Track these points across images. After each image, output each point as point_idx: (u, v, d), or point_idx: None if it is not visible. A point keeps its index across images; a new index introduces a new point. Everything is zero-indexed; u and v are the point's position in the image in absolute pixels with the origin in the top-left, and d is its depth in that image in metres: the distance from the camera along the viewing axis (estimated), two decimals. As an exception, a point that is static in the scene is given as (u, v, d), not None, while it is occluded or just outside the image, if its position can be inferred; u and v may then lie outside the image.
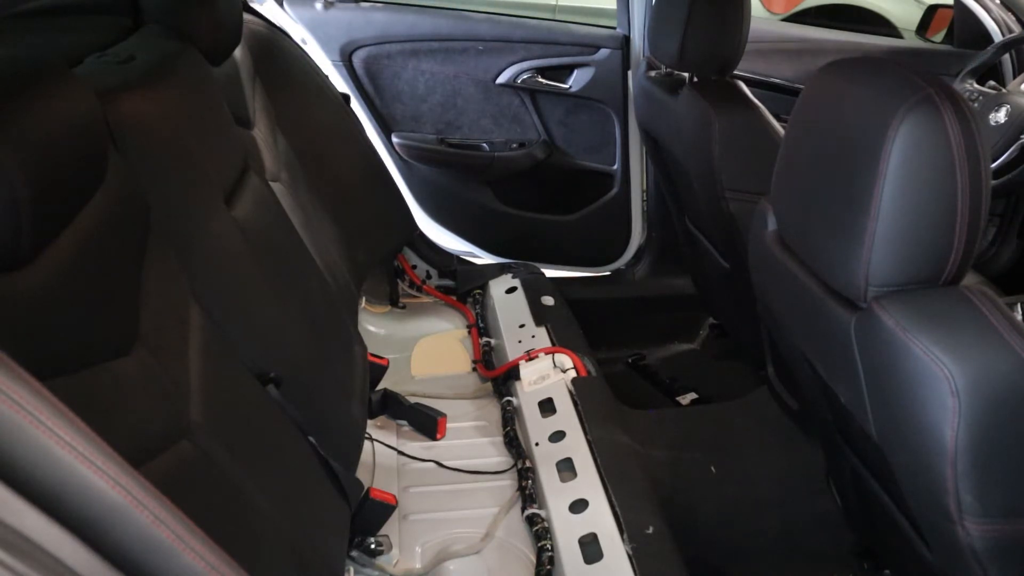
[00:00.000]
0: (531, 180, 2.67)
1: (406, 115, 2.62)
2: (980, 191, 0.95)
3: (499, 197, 2.70)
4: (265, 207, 1.54)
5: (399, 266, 2.40)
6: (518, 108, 2.58)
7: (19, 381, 0.51)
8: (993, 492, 0.94)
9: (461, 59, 2.53)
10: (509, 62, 2.51)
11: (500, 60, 2.51)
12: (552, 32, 2.52)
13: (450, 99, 2.59)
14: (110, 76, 1.26)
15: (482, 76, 2.54)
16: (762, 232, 1.31)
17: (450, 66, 2.54)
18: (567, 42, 2.50)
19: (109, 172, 1.03)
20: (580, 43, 2.49)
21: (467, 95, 2.58)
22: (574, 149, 2.62)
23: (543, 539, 1.50)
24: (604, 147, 2.58)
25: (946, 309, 0.96)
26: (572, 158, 2.63)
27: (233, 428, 1.12)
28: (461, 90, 2.57)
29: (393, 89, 2.59)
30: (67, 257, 0.89)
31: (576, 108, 2.56)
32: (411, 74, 2.57)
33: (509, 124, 2.61)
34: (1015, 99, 2.06)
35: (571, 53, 2.50)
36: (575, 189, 2.68)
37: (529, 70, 2.51)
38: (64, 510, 0.52)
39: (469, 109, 2.60)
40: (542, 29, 2.54)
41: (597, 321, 2.36)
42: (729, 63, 1.92)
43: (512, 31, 2.51)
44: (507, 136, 2.62)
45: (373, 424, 1.85)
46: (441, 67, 2.55)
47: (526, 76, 2.51)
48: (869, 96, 1.01)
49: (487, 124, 2.62)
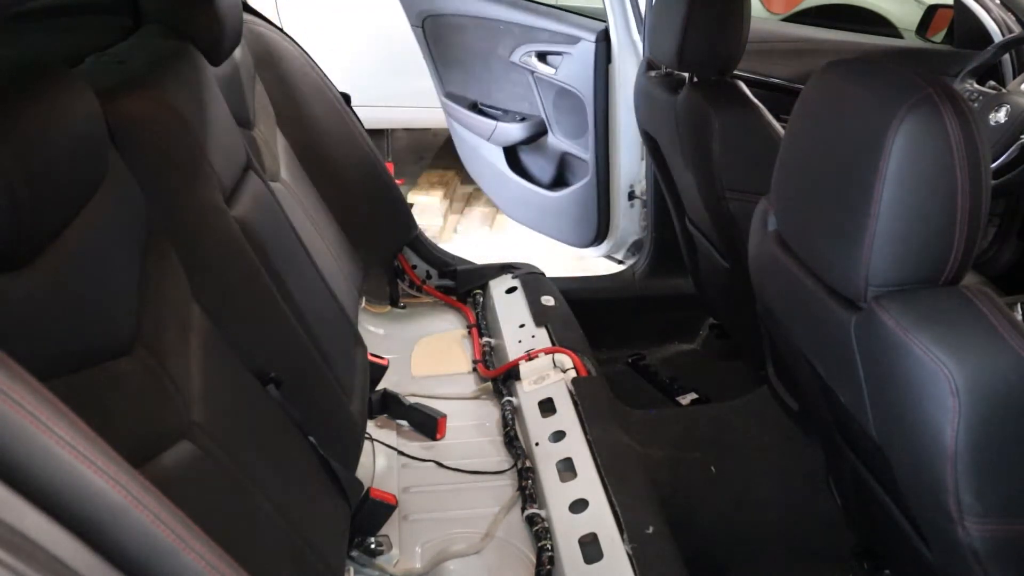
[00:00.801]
0: (532, 153, 2.94)
1: (454, 79, 3.00)
2: (980, 191, 0.95)
3: (508, 161, 3.00)
4: (265, 207, 1.54)
5: (399, 266, 2.40)
6: (525, 86, 2.79)
7: (19, 381, 0.51)
8: (993, 492, 0.94)
9: (492, 36, 2.78)
10: (519, 42, 2.73)
11: (513, 40, 2.74)
12: (544, 18, 2.68)
13: (484, 71, 2.88)
14: (110, 76, 1.26)
15: (503, 53, 2.78)
16: (762, 232, 1.31)
17: (485, 42, 2.81)
18: (554, 30, 2.65)
19: (109, 172, 1.03)
20: (563, 32, 2.62)
21: (495, 69, 2.84)
22: (562, 132, 2.81)
23: (543, 539, 1.49)
24: (582, 135, 2.70)
25: (946, 309, 0.96)
26: (560, 140, 2.82)
27: (233, 428, 1.12)
28: (491, 64, 2.84)
29: (449, 56, 2.95)
30: (67, 257, 0.89)
31: (562, 93, 2.70)
32: (459, 44, 2.90)
33: (519, 99, 2.85)
34: (1015, 99, 2.06)
35: (557, 40, 2.65)
36: (560, 169, 2.90)
37: (530, 52, 2.71)
38: (64, 510, 0.51)
39: (497, 81, 2.88)
40: (540, 14, 2.70)
41: (597, 321, 2.36)
42: (729, 63, 1.92)
43: (516, 14, 2.71)
44: (517, 109, 2.88)
45: (373, 424, 1.85)
46: (479, 42, 2.83)
47: (527, 58, 2.72)
48: (869, 96, 1.01)
49: (505, 97, 2.90)
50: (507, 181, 3.03)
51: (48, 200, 0.86)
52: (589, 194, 2.74)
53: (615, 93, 2.56)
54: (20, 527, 0.48)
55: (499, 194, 3.17)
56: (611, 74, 2.55)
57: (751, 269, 1.40)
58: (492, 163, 3.04)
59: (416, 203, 4.08)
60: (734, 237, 1.84)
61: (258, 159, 1.69)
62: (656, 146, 2.27)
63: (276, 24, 2.19)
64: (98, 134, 1.02)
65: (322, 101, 2.17)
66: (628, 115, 2.50)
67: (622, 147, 2.61)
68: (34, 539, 0.48)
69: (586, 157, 2.71)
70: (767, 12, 5.10)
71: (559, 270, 2.72)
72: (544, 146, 2.90)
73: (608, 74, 2.55)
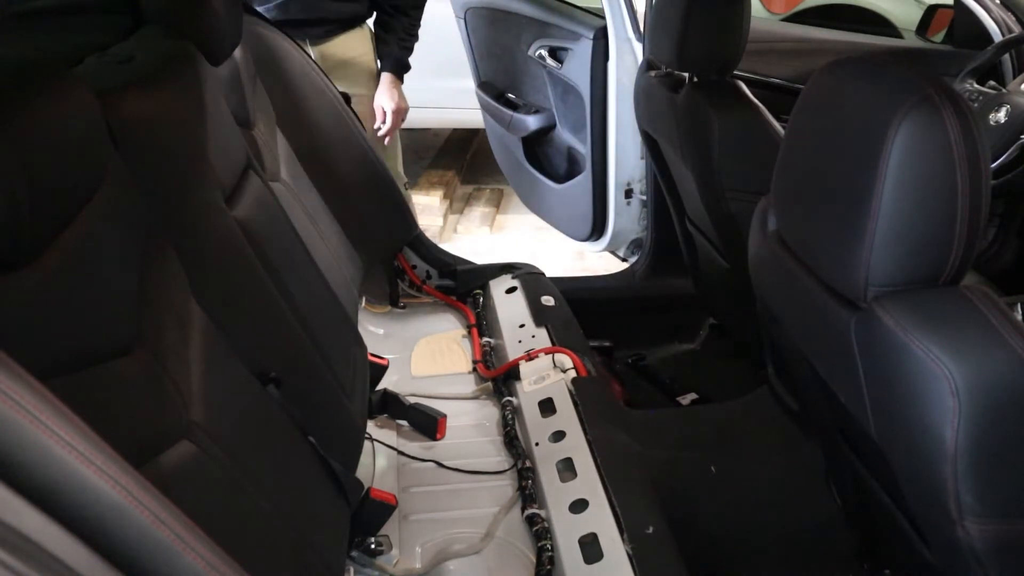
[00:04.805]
0: (547, 145, 3.01)
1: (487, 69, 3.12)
2: (980, 191, 0.95)
3: (525, 151, 3.08)
4: (266, 207, 1.54)
5: (399, 266, 2.40)
6: (541, 80, 2.87)
7: (19, 381, 0.51)
8: (993, 492, 0.94)
9: (517, 30, 2.87)
10: (536, 37, 2.80)
11: (531, 35, 2.81)
12: (555, 15, 2.73)
13: (511, 63, 2.99)
14: (110, 76, 1.26)
15: (524, 47, 2.86)
16: (762, 232, 1.31)
17: (511, 36, 2.92)
18: (562, 26, 2.69)
19: (109, 172, 1.03)
20: (568, 28, 2.66)
21: (518, 62, 2.94)
22: (567, 126, 2.86)
23: (543, 539, 1.49)
24: (583, 130, 2.72)
25: (946, 309, 0.96)
26: (566, 133, 2.87)
27: (233, 428, 1.12)
28: (516, 57, 2.94)
29: (484, 48, 3.07)
30: (67, 257, 0.89)
31: (567, 88, 2.74)
32: (492, 37, 3.02)
33: (536, 92, 2.93)
34: (1015, 99, 2.06)
35: (562, 36, 2.69)
36: (569, 162, 2.94)
37: (544, 47, 2.76)
38: (64, 510, 0.51)
39: (520, 73, 2.99)
40: (552, 10, 2.74)
41: (597, 321, 2.36)
42: (729, 63, 1.92)
43: (534, 10, 2.78)
44: (534, 102, 2.97)
45: (373, 424, 1.85)
46: (506, 35, 2.93)
47: (542, 52, 2.77)
48: (869, 96, 1.01)
49: (526, 89, 2.99)
50: (523, 170, 3.14)
51: (48, 200, 0.86)
52: (586, 189, 2.77)
53: (612, 90, 2.57)
54: (20, 527, 0.48)
55: (516, 182, 3.29)
56: (609, 71, 2.56)
57: (751, 269, 1.40)
58: (512, 152, 3.16)
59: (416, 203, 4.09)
60: (734, 237, 1.84)
61: (258, 159, 1.69)
62: (656, 146, 2.27)
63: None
64: (98, 134, 1.02)
65: (322, 101, 2.17)
66: (626, 112, 2.51)
67: (619, 144, 2.62)
68: (34, 539, 0.48)
69: (582, 152, 2.75)
70: (767, 12, 5.10)
71: (559, 270, 2.73)
72: (555, 139, 2.96)
73: (606, 71, 2.56)
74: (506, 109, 3.03)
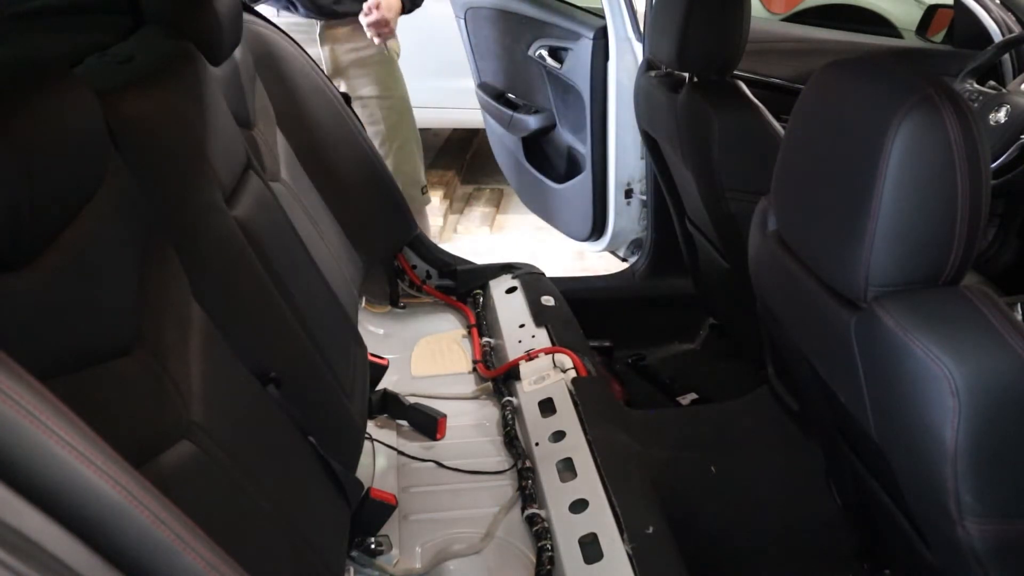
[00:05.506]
0: (547, 145, 3.01)
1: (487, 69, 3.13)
2: (980, 191, 0.95)
3: (525, 151, 3.08)
4: (266, 207, 1.54)
5: (399, 266, 2.40)
6: (541, 79, 2.86)
7: (19, 381, 0.51)
8: (993, 492, 0.94)
9: (517, 30, 2.86)
10: (535, 37, 2.78)
11: (531, 34, 2.80)
12: (555, 14, 2.72)
13: (510, 63, 2.98)
14: (110, 76, 1.26)
15: (523, 47, 2.85)
16: (762, 232, 1.31)
17: (511, 36, 2.91)
18: (562, 26, 2.68)
19: (109, 172, 1.03)
20: (568, 28, 2.65)
21: (518, 61, 2.92)
22: (567, 126, 2.86)
23: (543, 539, 1.49)
24: (582, 130, 2.72)
25: (946, 309, 0.96)
26: (566, 133, 2.87)
27: (233, 428, 1.12)
28: (516, 57, 2.92)
29: (483, 48, 3.08)
30: (67, 257, 0.89)
31: (567, 88, 2.73)
32: (492, 37, 3.01)
33: (536, 92, 2.93)
34: (1015, 99, 2.06)
35: (562, 36, 2.68)
36: (568, 162, 2.93)
37: (544, 47, 2.76)
38: (64, 510, 0.51)
39: (519, 73, 2.97)
40: (552, 10, 2.74)
41: (597, 321, 2.36)
42: (729, 63, 1.92)
43: (533, 9, 2.78)
44: (534, 102, 2.96)
45: (373, 424, 1.85)
46: (506, 35, 2.93)
47: (541, 52, 2.76)
48: (869, 96, 1.01)
49: (525, 89, 2.98)
50: (523, 170, 3.14)
51: (48, 200, 0.86)
52: (586, 189, 2.77)
53: (612, 90, 2.57)
54: (20, 527, 0.48)
55: (516, 182, 3.29)
56: (609, 71, 2.56)
57: (751, 269, 1.40)
58: (512, 152, 3.16)
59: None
60: (734, 237, 1.84)
61: (258, 159, 1.69)
62: (656, 146, 2.27)
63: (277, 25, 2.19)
64: (98, 134, 1.02)
65: (322, 101, 2.17)
66: (625, 112, 2.51)
67: (619, 144, 2.62)
68: (34, 539, 0.48)
69: (582, 152, 2.75)
70: (767, 12, 5.10)
71: (559, 270, 2.72)
72: (555, 139, 2.96)
73: (606, 71, 2.56)
74: (506, 109, 3.04)
